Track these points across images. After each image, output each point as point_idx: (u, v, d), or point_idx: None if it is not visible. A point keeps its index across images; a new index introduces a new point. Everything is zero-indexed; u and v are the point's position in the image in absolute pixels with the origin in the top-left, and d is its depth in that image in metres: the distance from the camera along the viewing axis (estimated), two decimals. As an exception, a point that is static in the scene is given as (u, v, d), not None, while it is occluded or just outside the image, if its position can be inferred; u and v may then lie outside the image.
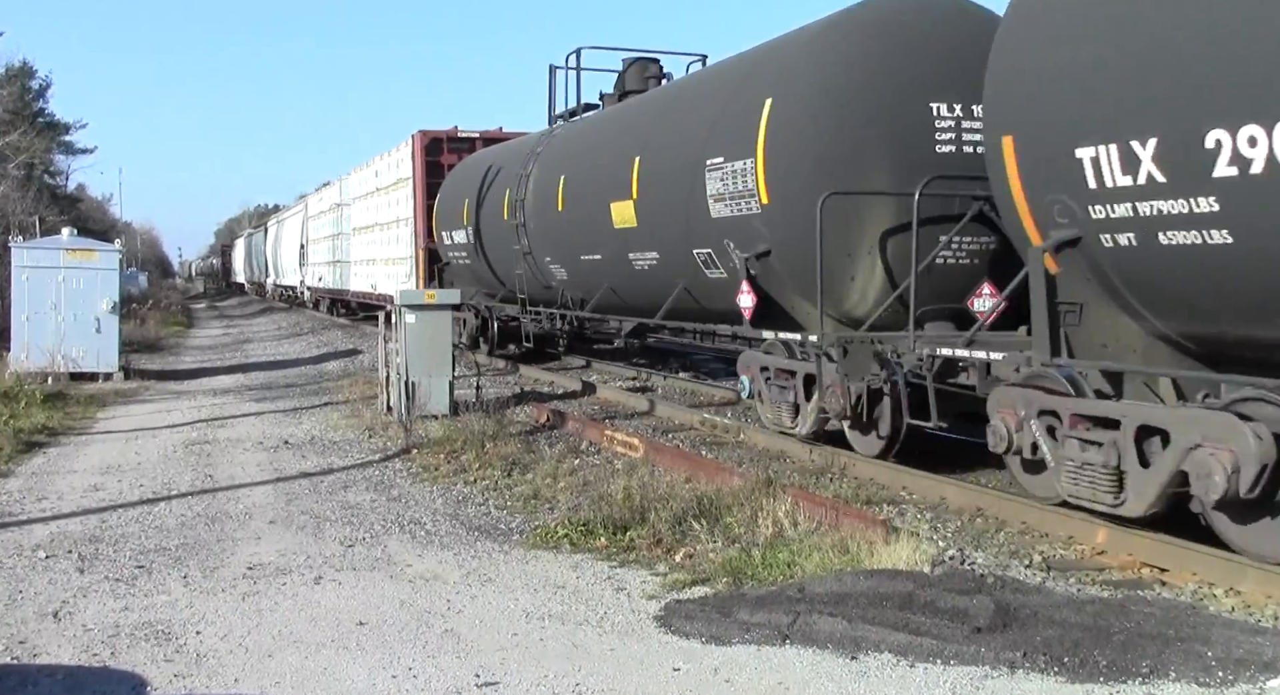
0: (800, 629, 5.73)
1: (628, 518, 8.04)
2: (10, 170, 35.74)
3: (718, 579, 6.74)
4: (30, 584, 6.92)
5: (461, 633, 5.95)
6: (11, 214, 30.84)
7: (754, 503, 8.01)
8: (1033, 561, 7.11)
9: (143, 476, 10.54)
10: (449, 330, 13.94)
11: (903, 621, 5.70)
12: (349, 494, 9.65)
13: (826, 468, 10.24)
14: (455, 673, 5.36)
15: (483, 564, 7.35)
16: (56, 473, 10.83)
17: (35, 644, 5.83)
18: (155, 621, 6.16)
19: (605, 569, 7.17)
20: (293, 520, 8.66)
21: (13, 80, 43.59)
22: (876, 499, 9.00)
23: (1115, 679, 5.06)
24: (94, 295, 18.65)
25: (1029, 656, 5.28)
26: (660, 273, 13.46)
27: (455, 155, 24.12)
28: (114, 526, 8.50)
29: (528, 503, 9.17)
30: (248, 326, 39.81)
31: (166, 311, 43.12)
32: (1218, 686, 4.97)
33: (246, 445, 12.35)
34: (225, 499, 9.50)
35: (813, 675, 5.25)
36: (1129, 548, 7.21)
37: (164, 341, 30.29)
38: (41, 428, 13.44)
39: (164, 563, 7.42)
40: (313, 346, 27.42)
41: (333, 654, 5.64)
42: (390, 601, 6.51)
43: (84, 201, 60.21)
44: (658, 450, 10.83)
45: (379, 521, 8.57)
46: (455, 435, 11.71)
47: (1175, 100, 6.24)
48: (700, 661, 5.46)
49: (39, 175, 43.62)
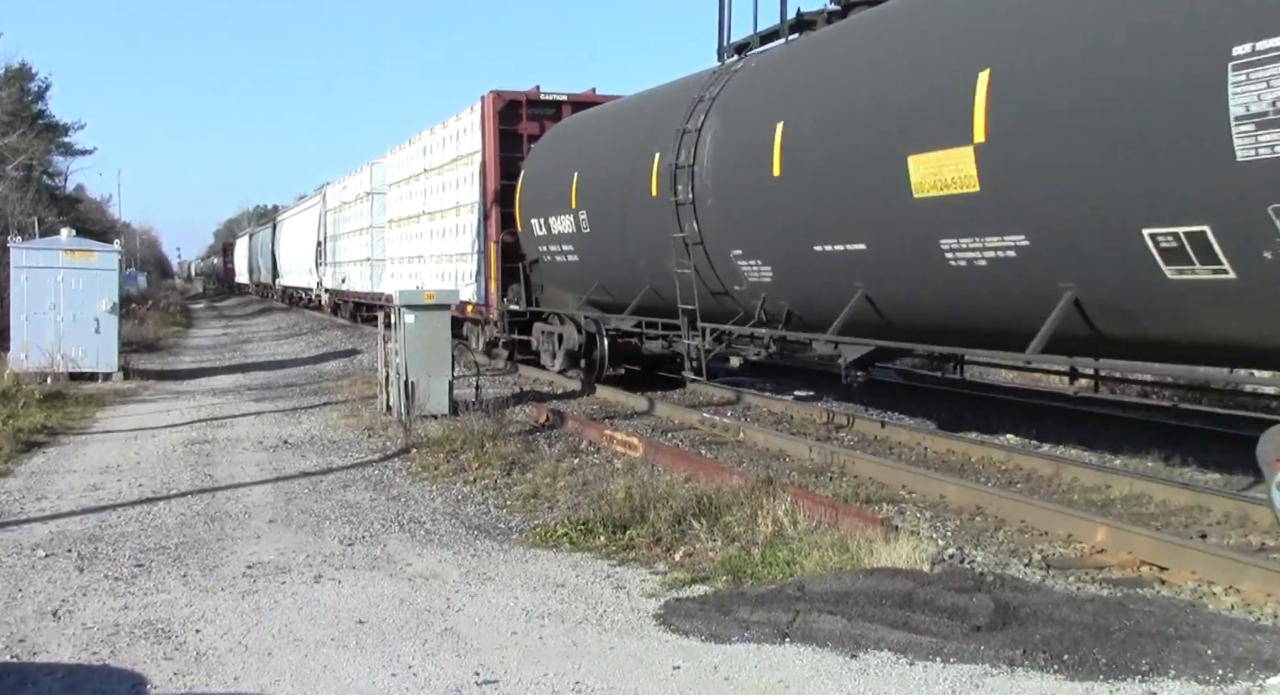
0: (800, 627, 5.73)
1: (627, 517, 8.04)
2: (9, 171, 35.75)
3: (717, 577, 6.74)
4: (30, 583, 6.92)
5: (461, 631, 5.95)
6: (10, 215, 30.85)
7: (753, 501, 8.00)
8: (1032, 560, 7.12)
9: (142, 476, 10.54)
10: (448, 330, 13.93)
11: (902, 620, 5.70)
12: (348, 493, 9.65)
13: (826, 467, 10.24)
14: (455, 671, 5.36)
15: (482, 563, 7.35)
16: (56, 472, 10.83)
17: (35, 642, 5.83)
18: (155, 620, 6.16)
19: (605, 568, 7.17)
20: (292, 519, 8.66)
21: (12, 81, 43.60)
22: (876, 497, 9.00)
23: (1115, 677, 5.06)
24: (93, 295, 18.66)
25: (1028, 655, 5.28)
26: (1024, 270, 8.18)
27: (535, 125, 19.09)
28: (113, 526, 8.49)
29: (527, 502, 9.17)
30: (247, 326, 39.79)
31: (165, 312, 43.09)
32: (1217, 684, 4.97)
33: (246, 445, 12.34)
34: (225, 498, 9.50)
35: (812, 673, 5.25)
36: (1128, 546, 7.21)
37: (163, 341, 30.29)
38: (41, 427, 13.44)
39: (163, 561, 7.41)
40: (312, 346, 27.41)
41: (332, 652, 5.64)
42: (390, 600, 6.51)
43: (83, 202, 60.21)
44: (657, 449, 10.83)
45: (378, 520, 8.57)
46: (455, 435, 11.71)
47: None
48: (700, 660, 5.46)
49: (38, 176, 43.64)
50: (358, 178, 33.16)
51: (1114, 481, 9.21)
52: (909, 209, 8.94)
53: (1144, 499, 8.80)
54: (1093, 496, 8.99)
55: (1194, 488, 8.87)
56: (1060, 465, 9.87)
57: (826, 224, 10.19)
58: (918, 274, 9.28)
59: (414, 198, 24.82)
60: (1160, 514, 8.42)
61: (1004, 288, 8.47)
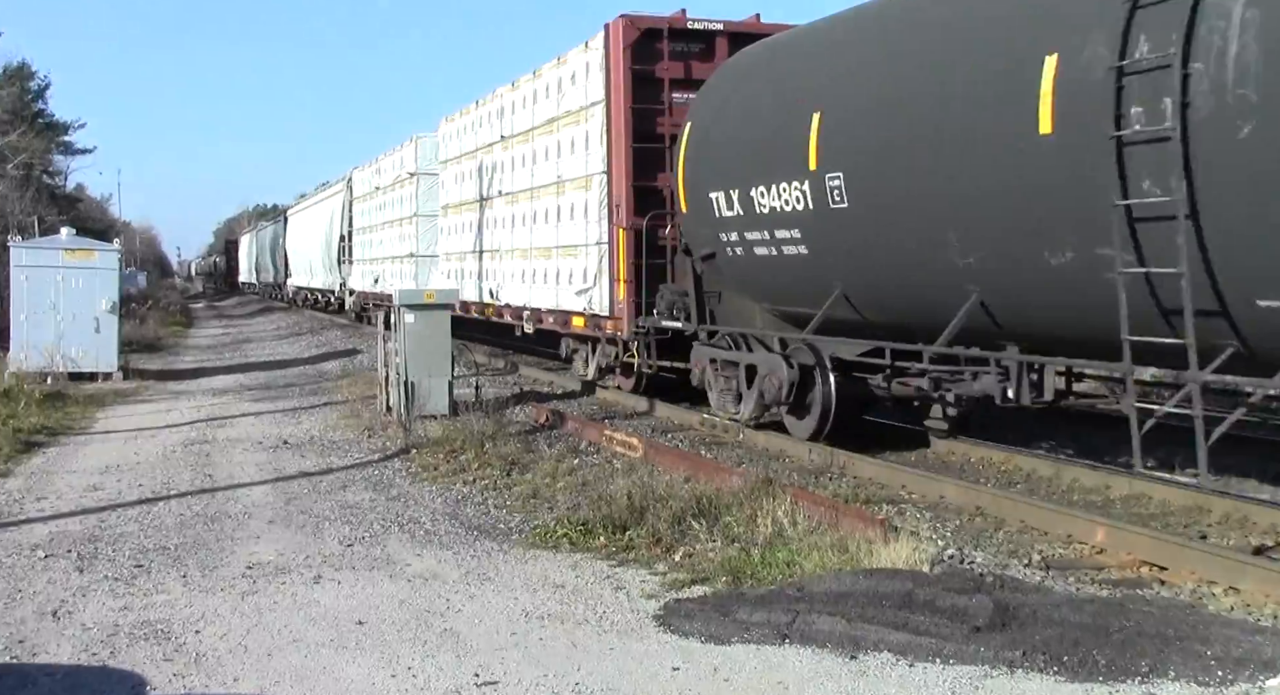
0: (799, 628, 5.72)
1: (627, 517, 8.04)
2: (9, 170, 35.74)
3: (717, 578, 6.74)
4: (29, 583, 6.92)
5: (461, 632, 5.95)
6: (10, 214, 30.84)
7: (753, 502, 8.01)
8: (1032, 560, 7.12)
9: (142, 476, 10.53)
10: (448, 330, 13.91)
11: (902, 621, 5.70)
12: (348, 493, 9.65)
13: (825, 467, 10.24)
14: (454, 672, 5.35)
15: (482, 563, 7.35)
16: (55, 472, 10.83)
17: (34, 643, 5.82)
18: (154, 621, 6.16)
19: (604, 568, 7.17)
20: (292, 520, 8.65)
21: (12, 80, 43.59)
22: (875, 498, 9.00)
23: (1114, 678, 5.06)
24: (93, 295, 18.65)
25: (1028, 656, 5.28)
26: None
27: (679, 66, 14.15)
28: (113, 526, 8.49)
29: (527, 502, 9.17)
30: (246, 326, 39.80)
31: (166, 311, 43.07)
32: (1217, 685, 4.97)
33: (246, 445, 12.34)
34: (224, 499, 9.50)
35: (812, 674, 5.24)
36: (1128, 546, 7.21)
37: (163, 341, 30.27)
38: (40, 428, 13.43)
39: (163, 562, 7.41)
40: (311, 346, 27.41)
41: (332, 653, 5.64)
42: (389, 601, 6.50)
43: (83, 201, 60.16)
44: (657, 450, 10.83)
45: (378, 521, 8.56)
46: (454, 435, 11.70)
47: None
48: (699, 661, 5.46)
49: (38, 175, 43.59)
50: (396, 157, 27.95)
51: (1114, 482, 9.21)
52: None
53: (1143, 499, 8.80)
54: (1092, 497, 8.99)
55: (1193, 488, 8.86)
56: (1060, 466, 9.87)
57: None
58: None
59: (483, 176, 19.80)
60: (1160, 514, 8.42)
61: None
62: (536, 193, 17.08)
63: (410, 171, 26.03)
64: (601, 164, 14.49)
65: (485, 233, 19.75)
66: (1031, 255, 7.97)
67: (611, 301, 14.35)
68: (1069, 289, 7.82)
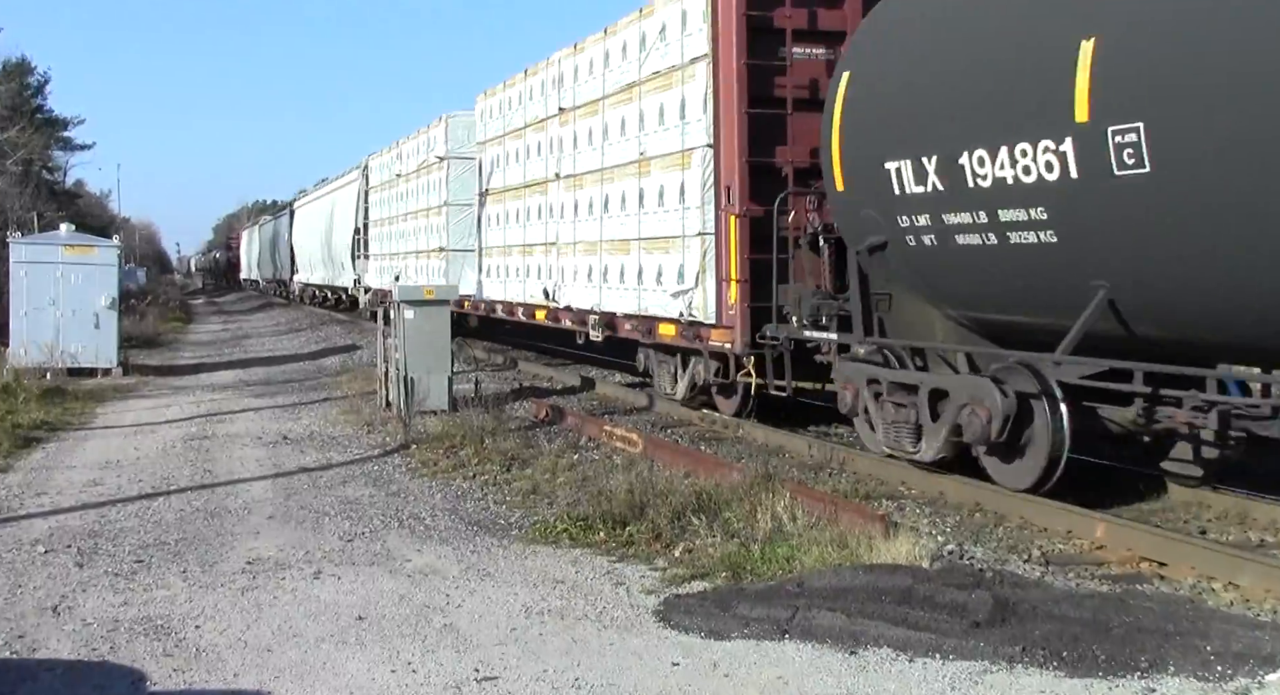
0: (799, 623, 5.73)
1: (627, 513, 8.03)
2: (9, 166, 35.72)
3: (717, 574, 6.75)
4: (29, 579, 6.92)
5: (461, 627, 5.95)
6: (10, 210, 30.85)
7: (753, 498, 8.00)
8: (1031, 556, 7.12)
9: (142, 472, 10.53)
10: (447, 326, 13.91)
11: (901, 616, 5.71)
12: (348, 489, 9.65)
13: (825, 463, 10.24)
14: (455, 667, 5.36)
15: (482, 559, 7.35)
16: (55, 468, 10.83)
17: (35, 639, 5.83)
18: (154, 616, 6.16)
19: (604, 564, 7.17)
20: (291, 515, 8.66)
21: (11, 76, 43.58)
22: (875, 494, 9.01)
23: (1114, 673, 5.07)
24: (93, 291, 18.67)
25: (1028, 651, 5.29)
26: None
27: (803, 11, 11.51)
28: (113, 521, 8.49)
29: (527, 498, 9.17)
30: (246, 322, 39.79)
31: (165, 307, 43.10)
32: (1216, 681, 4.98)
33: (245, 440, 12.34)
34: (224, 494, 9.50)
35: (811, 669, 5.25)
36: (1128, 542, 7.22)
37: (163, 337, 30.27)
38: (40, 423, 13.43)
39: (163, 557, 7.41)
40: (311, 342, 27.40)
41: (332, 648, 5.64)
42: (389, 596, 6.51)
43: (82, 197, 60.18)
44: (657, 445, 10.83)
45: (378, 516, 8.56)
46: (454, 430, 11.70)
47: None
48: (699, 656, 5.46)
49: (37, 171, 43.60)
50: (422, 139, 24.91)
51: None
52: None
53: (1144, 495, 8.78)
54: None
55: (1193, 484, 8.86)
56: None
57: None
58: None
59: (535, 156, 17.18)
60: (1159, 510, 8.42)
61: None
62: (609, 174, 14.22)
63: (440, 155, 22.71)
64: (706, 135, 11.77)
65: (539, 223, 17.03)
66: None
67: (720, 307, 11.70)
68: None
